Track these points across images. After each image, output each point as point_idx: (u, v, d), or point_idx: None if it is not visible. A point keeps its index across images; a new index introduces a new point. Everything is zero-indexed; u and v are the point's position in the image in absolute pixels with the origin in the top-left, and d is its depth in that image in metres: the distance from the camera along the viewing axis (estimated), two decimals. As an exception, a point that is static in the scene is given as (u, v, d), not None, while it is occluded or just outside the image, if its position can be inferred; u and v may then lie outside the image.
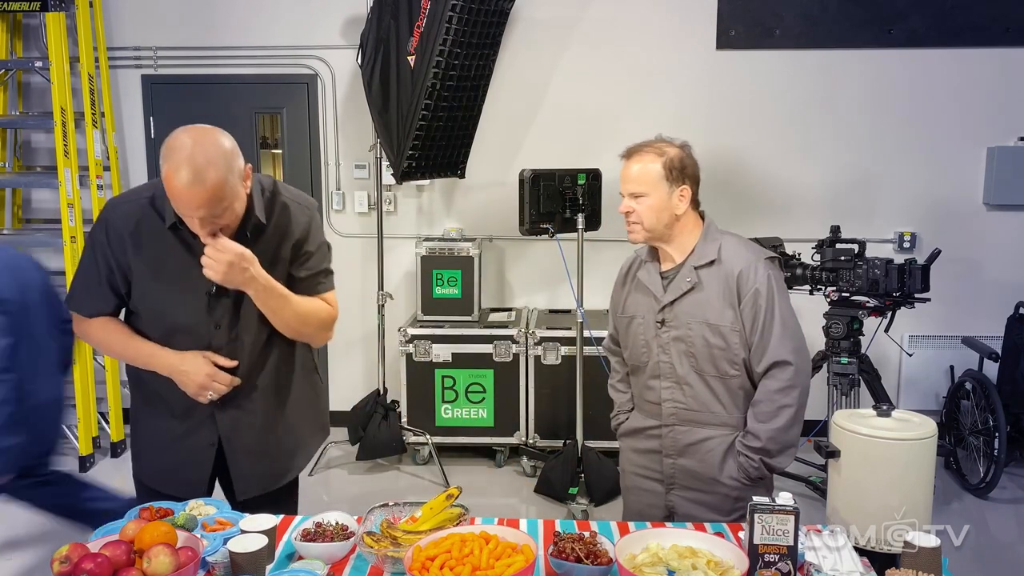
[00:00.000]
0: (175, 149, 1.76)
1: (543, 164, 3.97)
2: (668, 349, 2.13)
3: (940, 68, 4.59)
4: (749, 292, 2.04)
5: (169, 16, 4.79)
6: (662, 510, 2.22)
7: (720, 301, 2.06)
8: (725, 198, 4.65)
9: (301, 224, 2.05)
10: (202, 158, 1.75)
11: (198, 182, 1.74)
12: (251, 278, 1.88)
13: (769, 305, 2.03)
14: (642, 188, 2.09)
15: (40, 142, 4.97)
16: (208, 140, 1.79)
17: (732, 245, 2.11)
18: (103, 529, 1.78)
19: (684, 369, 2.11)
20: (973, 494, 4.04)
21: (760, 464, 2.07)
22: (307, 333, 2.09)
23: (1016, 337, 4.21)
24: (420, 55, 3.83)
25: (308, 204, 2.11)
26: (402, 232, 4.86)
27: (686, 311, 2.09)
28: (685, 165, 2.09)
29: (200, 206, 1.77)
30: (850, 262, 3.68)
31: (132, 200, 1.98)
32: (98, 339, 2.07)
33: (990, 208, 4.67)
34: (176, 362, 1.95)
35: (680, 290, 2.10)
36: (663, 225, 2.10)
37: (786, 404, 2.03)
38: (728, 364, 2.08)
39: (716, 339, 2.06)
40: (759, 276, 2.04)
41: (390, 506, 1.92)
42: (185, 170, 1.74)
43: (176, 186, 1.75)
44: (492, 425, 4.42)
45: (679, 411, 2.14)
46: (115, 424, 4.63)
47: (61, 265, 4.47)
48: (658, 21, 4.64)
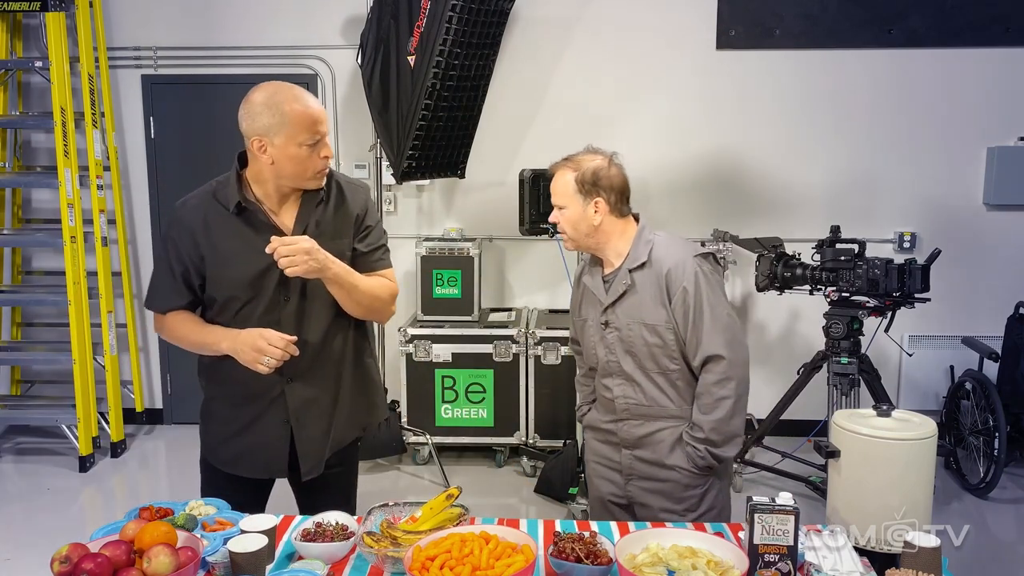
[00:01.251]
0: (279, 90, 1.97)
1: (543, 164, 3.95)
2: (614, 349, 2.22)
3: (940, 68, 4.59)
4: (678, 290, 2.12)
5: (169, 16, 4.79)
6: (623, 499, 2.31)
7: (652, 301, 2.15)
8: (725, 198, 4.66)
9: (360, 200, 2.17)
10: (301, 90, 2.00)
11: (318, 103, 2.00)
12: (326, 266, 1.98)
13: (698, 301, 2.11)
14: (561, 201, 2.22)
15: (40, 142, 4.97)
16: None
17: (663, 246, 2.19)
18: (103, 529, 1.78)
19: (630, 367, 2.20)
20: (973, 494, 4.04)
21: (707, 453, 2.15)
22: (376, 308, 2.18)
23: (1016, 337, 4.21)
24: (420, 55, 3.83)
25: (362, 184, 2.24)
26: (402, 232, 4.86)
27: (624, 312, 2.19)
28: (599, 177, 2.17)
29: (326, 121, 2.01)
30: (850, 262, 3.68)
31: (198, 196, 2.10)
32: (173, 333, 2.14)
33: (990, 208, 4.67)
34: (234, 335, 2.01)
35: (617, 292, 2.19)
36: (583, 235, 2.21)
37: (724, 396, 2.11)
38: (668, 360, 2.17)
39: (653, 337, 2.15)
40: (687, 274, 2.12)
41: (390, 506, 1.92)
42: (306, 95, 1.98)
43: (309, 105, 1.97)
44: (492, 425, 4.42)
45: (631, 406, 2.23)
46: (115, 424, 4.63)
47: (61, 265, 4.47)
48: (658, 21, 4.64)
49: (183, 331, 2.12)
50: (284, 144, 1.95)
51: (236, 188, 2.02)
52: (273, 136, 1.95)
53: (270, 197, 2.06)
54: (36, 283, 5.03)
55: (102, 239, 4.58)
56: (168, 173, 4.86)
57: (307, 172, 2.01)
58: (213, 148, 4.69)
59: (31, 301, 4.88)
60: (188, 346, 2.12)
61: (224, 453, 2.19)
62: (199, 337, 2.09)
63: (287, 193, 2.07)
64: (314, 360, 2.12)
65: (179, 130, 4.86)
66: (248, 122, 1.97)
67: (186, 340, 2.12)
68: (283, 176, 2.01)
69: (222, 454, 2.20)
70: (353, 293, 2.08)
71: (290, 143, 1.95)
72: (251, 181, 2.06)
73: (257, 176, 2.05)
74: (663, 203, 4.59)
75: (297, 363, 2.07)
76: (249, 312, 2.06)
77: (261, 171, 2.02)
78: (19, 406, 4.83)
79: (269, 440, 2.14)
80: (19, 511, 4.01)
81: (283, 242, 1.93)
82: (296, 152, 1.97)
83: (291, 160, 1.97)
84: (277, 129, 1.94)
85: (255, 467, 2.17)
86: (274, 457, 2.15)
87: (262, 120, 1.94)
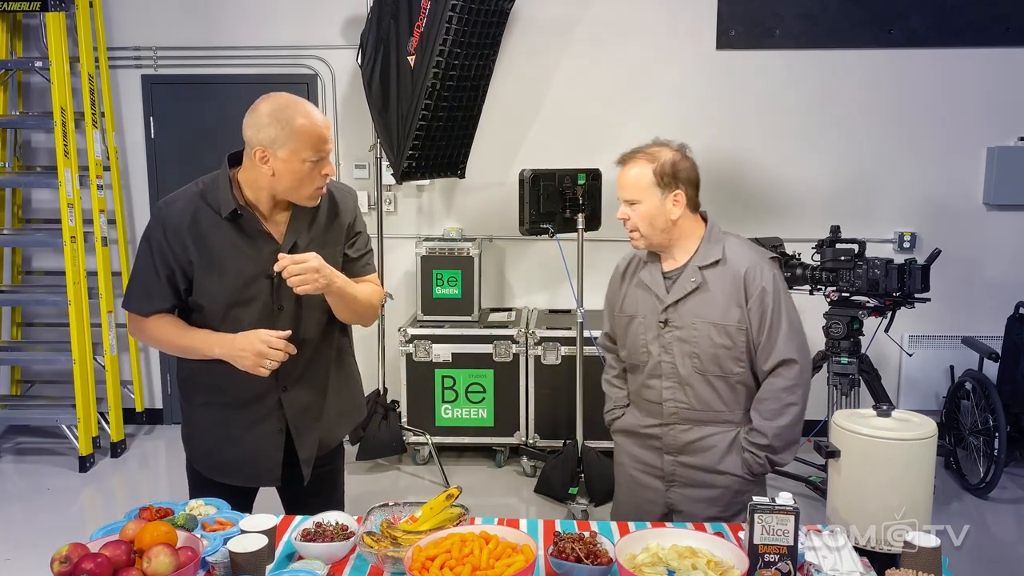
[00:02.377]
0: (288, 103, 1.94)
1: (543, 164, 3.97)
2: (671, 349, 2.13)
3: (940, 68, 4.59)
4: (756, 291, 2.05)
5: (169, 16, 4.79)
6: (661, 507, 2.23)
7: (726, 300, 2.07)
8: (725, 198, 4.65)
9: (350, 207, 2.17)
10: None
11: (325, 119, 1.99)
12: (331, 281, 1.98)
13: (776, 304, 2.06)
14: (635, 195, 2.09)
15: (40, 142, 4.97)
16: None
17: (736, 246, 2.13)
18: (103, 529, 1.78)
19: (687, 370, 2.12)
20: (973, 494, 4.04)
21: (765, 460, 2.09)
22: (368, 315, 2.20)
23: (1016, 337, 4.21)
24: (420, 55, 3.83)
25: (349, 189, 2.23)
26: (402, 232, 4.86)
27: (691, 311, 2.10)
28: (678, 169, 2.08)
29: (331, 139, 1.99)
30: (850, 262, 3.68)
31: (184, 197, 2.04)
32: (155, 335, 2.08)
33: (990, 208, 4.67)
34: (229, 340, 1.98)
35: (684, 290, 2.10)
36: (659, 231, 2.10)
37: (792, 402, 2.06)
38: (734, 363, 2.09)
39: (722, 338, 2.07)
40: (765, 276, 2.06)
41: (390, 506, 1.92)
42: (314, 111, 1.96)
43: (316, 122, 1.94)
44: (492, 425, 4.42)
45: (680, 410, 2.15)
46: (115, 424, 4.63)
47: (61, 265, 4.47)
48: (658, 21, 4.64)
49: (167, 334, 2.05)
50: (288, 158, 1.92)
51: (229, 192, 1.98)
52: (278, 149, 1.92)
53: (262, 202, 2.02)
54: (36, 283, 5.03)
55: (102, 239, 4.58)
56: (168, 173, 4.86)
57: (306, 189, 1.98)
58: (213, 148, 4.61)
59: (31, 301, 4.88)
60: (172, 350, 2.06)
61: (215, 461, 2.15)
62: (186, 341, 2.03)
63: (280, 200, 2.03)
64: (308, 366, 2.11)
65: (179, 130, 4.86)
66: (253, 131, 1.93)
67: (170, 344, 2.07)
68: (280, 189, 1.98)
69: (213, 462, 2.16)
70: (352, 304, 2.09)
71: (294, 158, 1.92)
72: (243, 184, 2.01)
73: (252, 182, 2.00)
74: (663, 203, 4.59)
75: (292, 370, 2.06)
76: (238, 317, 2.02)
77: (258, 179, 1.98)
78: (19, 406, 4.82)
79: (265, 449, 2.11)
80: (19, 511, 4.01)
81: (293, 260, 1.91)
82: (299, 168, 1.94)
83: (293, 175, 1.94)
84: (283, 143, 1.91)
85: (249, 476, 2.15)
86: (270, 466, 2.12)
87: (268, 132, 1.91)
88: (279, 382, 2.06)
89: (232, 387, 2.06)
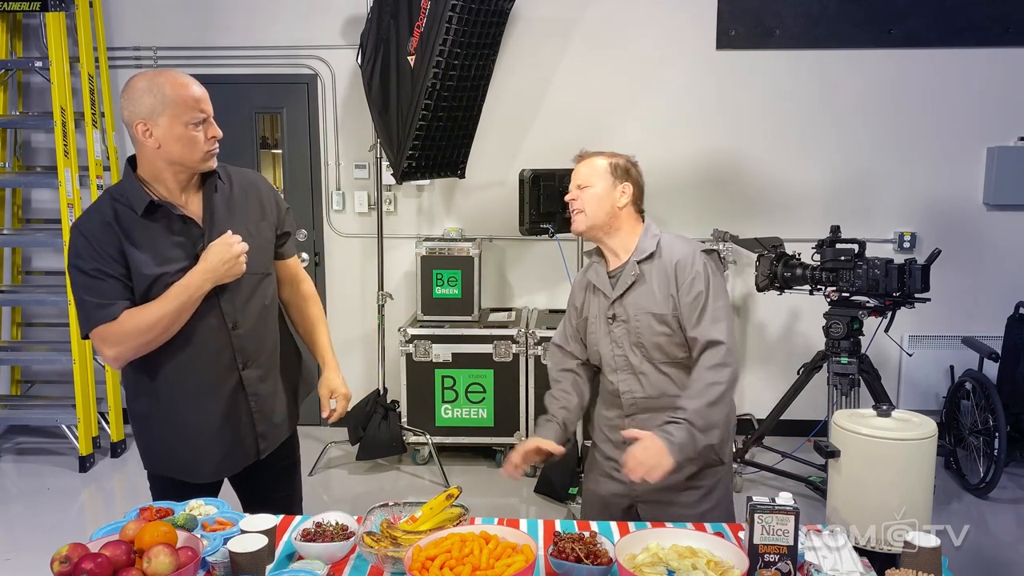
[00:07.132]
0: (159, 73, 1.98)
1: (543, 164, 3.97)
2: (620, 342, 2.24)
3: (940, 68, 4.59)
4: (686, 279, 2.16)
5: (169, 16, 4.79)
6: (627, 499, 2.30)
7: (661, 291, 2.18)
8: (725, 198, 4.66)
9: (263, 185, 2.21)
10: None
11: (201, 86, 2.00)
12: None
13: (704, 289, 2.15)
14: (588, 179, 2.25)
15: (40, 142, 4.97)
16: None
17: (670, 241, 2.25)
18: (103, 529, 1.78)
19: (637, 359, 2.22)
20: (973, 494, 4.04)
21: (687, 431, 2.03)
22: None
23: (1016, 337, 4.21)
24: (420, 55, 3.83)
25: (252, 169, 2.27)
26: (402, 232, 4.86)
27: (632, 303, 2.21)
28: (629, 168, 2.27)
29: (208, 101, 2.01)
30: (850, 262, 3.68)
31: (96, 207, 2.01)
32: (137, 325, 1.94)
33: (990, 208, 4.67)
34: (204, 265, 1.98)
35: (626, 284, 2.22)
36: (604, 213, 2.22)
37: (716, 381, 2.09)
38: (677, 348, 2.19)
39: (662, 327, 2.17)
40: (696, 264, 2.17)
41: (390, 506, 1.92)
42: (187, 77, 1.98)
43: (189, 85, 1.97)
44: (492, 425, 4.42)
45: (637, 400, 2.24)
46: (115, 424, 4.63)
47: (61, 265, 4.47)
48: (658, 21, 4.64)
49: (148, 317, 1.94)
50: (169, 125, 1.92)
51: (140, 189, 1.97)
52: (158, 117, 1.92)
53: (173, 192, 2.01)
54: (36, 283, 5.03)
55: (102, 239, 4.57)
56: (168, 173, 4.85)
57: (196, 153, 1.97)
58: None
59: (31, 301, 4.88)
60: (160, 330, 1.95)
61: (199, 460, 2.11)
62: (170, 305, 1.94)
63: (186, 183, 2.02)
64: (259, 344, 2.14)
65: (179, 130, 4.85)
66: (130, 108, 1.94)
67: (158, 315, 1.94)
68: (172, 160, 1.96)
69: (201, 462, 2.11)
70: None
71: (175, 123, 1.93)
72: (150, 181, 2.00)
73: (154, 173, 1.99)
74: (663, 203, 4.58)
75: (245, 349, 2.09)
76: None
77: (154, 163, 1.97)
78: (19, 406, 4.82)
79: (241, 433, 2.13)
80: (19, 511, 4.01)
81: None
82: (183, 132, 1.94)
83: (178, 141, 1.94)
84: (160, 110, 1.92)
85: (235, 463, 2.16)
86: (246, 450, 2.16)
87: (144, 102, 1.92)
88: (236, 362, 2.08)
89: (197, 371, 2.05)
